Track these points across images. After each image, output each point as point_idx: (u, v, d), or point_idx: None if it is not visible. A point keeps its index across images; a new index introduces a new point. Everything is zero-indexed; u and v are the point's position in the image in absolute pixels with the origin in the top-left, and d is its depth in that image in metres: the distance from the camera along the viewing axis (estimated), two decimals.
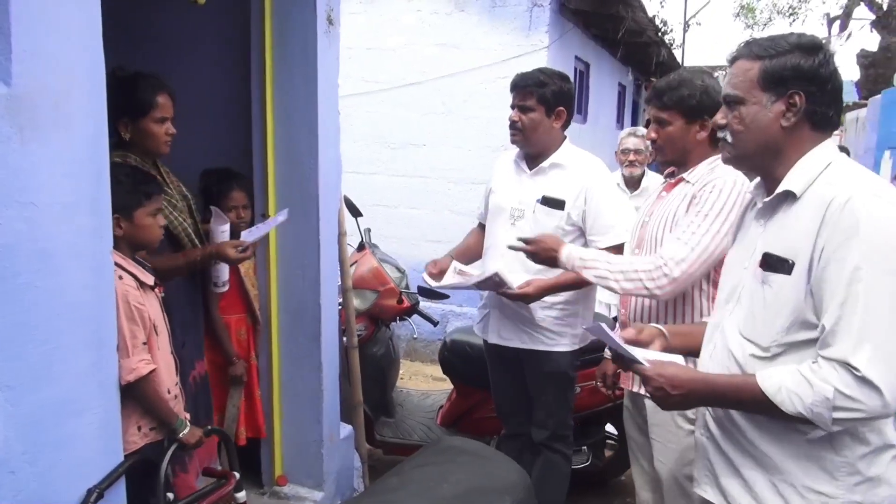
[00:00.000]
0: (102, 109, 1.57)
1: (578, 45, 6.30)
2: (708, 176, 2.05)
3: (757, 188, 1.53)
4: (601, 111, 7.65)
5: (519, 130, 2.49)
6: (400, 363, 3.87)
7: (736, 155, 1.48)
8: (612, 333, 1.51)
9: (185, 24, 2.75)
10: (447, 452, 1.60)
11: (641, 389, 2.17)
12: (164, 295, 2.01)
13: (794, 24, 15.04)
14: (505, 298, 2.47)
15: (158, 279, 1.98)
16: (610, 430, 3.38)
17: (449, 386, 3.57)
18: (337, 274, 2.85)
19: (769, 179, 1.47)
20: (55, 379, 1.47)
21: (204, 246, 2.27)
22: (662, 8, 16.06)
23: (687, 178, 2.09)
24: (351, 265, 3.15)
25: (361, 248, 3.51)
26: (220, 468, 2.29)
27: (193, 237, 2.26)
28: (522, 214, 2.54)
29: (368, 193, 5.16)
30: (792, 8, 14.84)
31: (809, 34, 1.47)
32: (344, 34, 2.73)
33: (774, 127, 1.40)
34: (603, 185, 2.51)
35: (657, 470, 2.15)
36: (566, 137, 2.59)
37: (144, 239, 1.95)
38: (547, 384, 2.61)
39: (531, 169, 2.56)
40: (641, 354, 1.48)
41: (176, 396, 1.93)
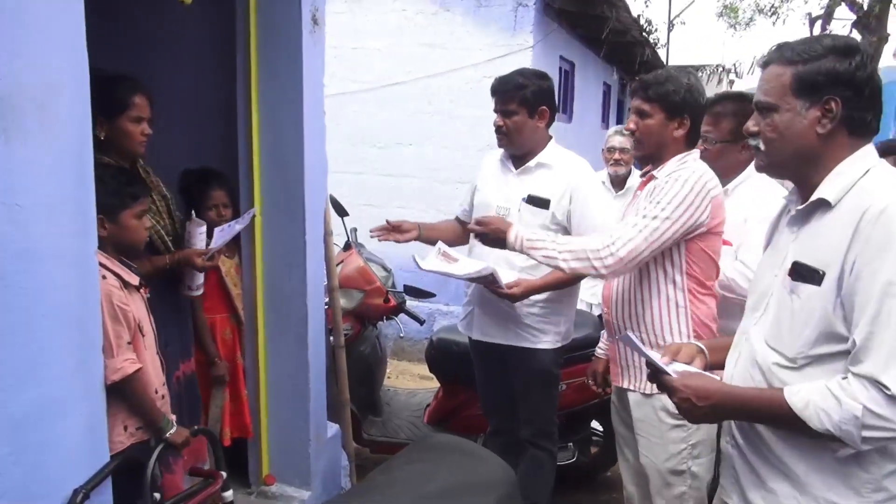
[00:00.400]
0: (87, 111, 1.57)
1: (563, 44, 6.34)
2: (675, 173, 2.08)
3: (791, 194, 1.49)
4: (586, 110, 7.70)
5: (504, 134, 2.52)
6: (387, 362, 3.88)
7: (769, 163, 1.43)
8: (642, 346, 1.50)
9: (169, 23, 2.74)
10: (433, 449, 1.62)
11: (628, 384, 2.20)
12: (149, 296, 2.01)
13: (776, 23, 15.18)
14: (491, 295, 2.49)
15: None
16: (596, 426, 3.42)
17: (436, 385, 3.59)
18: (323, 273, 2.86)
19: (804, 187, 1.41)
20: (40, 380, 1.46)
21: (177, 250, 2.29)
22: (647, 7, 16.13)
23: (656, 174, 2.13)
24: (337, 264, 3.16)
25: (348, 247, 3.52)
26: (207, 468, 2.29)
27: (167, 240, 2.27)
28: (508, 213, 2.56)
29: (355, 193, 5.16)
30: (774, 8, 14.99)
31: (844, 36, 1.42)
32: (329, 34, 2.74)
33: (810, 134, 1.35)
34: (588, 185, 2.54)
35: (643, 465, 2.19)
36: (552, 137, 2.61)
37: (129, 240, 1.95)
38: (531, 381, 2.64)
39: (517, 168, 2.59)
40: (672, 367, 1.47)
41: (163, 396, 1.94)
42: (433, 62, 5.35)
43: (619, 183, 4.01)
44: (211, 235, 2.33)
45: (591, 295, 3.79)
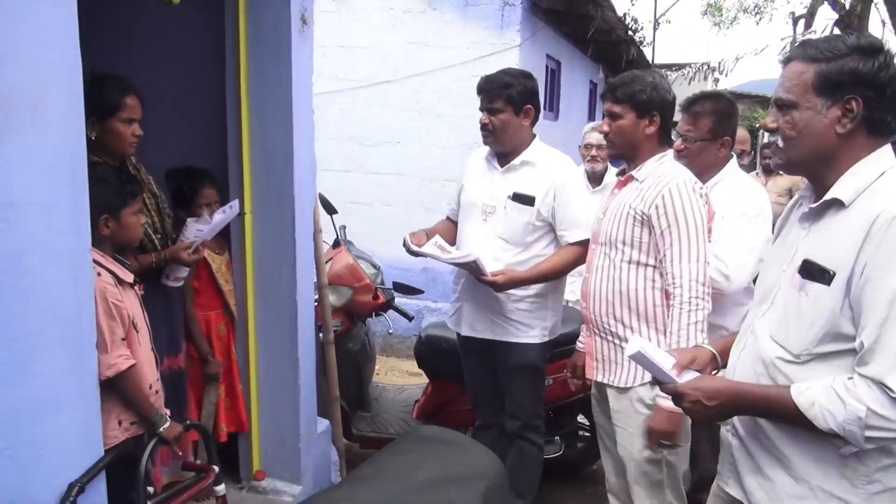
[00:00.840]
0: (80, 110, 1.59)
1: (550, 43, 6.39)
2: (654, 174, 2.14)
3: (806, 190, 1.49)
4: (572, 108, 7.76)
5: (490, 132, 2.56)
6: (376, 358, 3.92)
7: (787, 161, 1.43)
8: (653, 357, 1.50)
9: (159, 23, 2.75)
10: (422, 441, 1.66)
11: (604, 378, 2.24)
12: (143, 293, 2.03)
13: (760, 22, 15.33)
14: (476, 285, 2.54)
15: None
16: (582, 420, 3.47)
17: (424, 381, 3.62)
18: (313, 270, 2.89)
19: (819, 184, 1.41)
20: (34, 376, 1.48)
21: (162, 249, 2.31)
22: (633, 6, 16.23)
23: (636, 175, 2.18)
24: (326, 262, 3.19)
25: (337, 245, 3.55)
26: (199, 462, 2.31)
27: (154, 238, 2.29)
28: (494, 210, 2.60)
29: (342, 191, 5.18)
30: (758, 7, 15.13)
31: (869, 35, 1.42)
32: (316, 32, 2.76)
33: (829, 134, 1.34)
34: (572, 182, 2.59)
35: (621, 455, 2.24)
36: (536, 136, 2.65)
37: (127, 238, 1.99)
38: (518, 375, 2.68)
39: (502, 166, 2.63)
40: (680, 377, 1.49)
41: (157, 392, 1.96)
42: (420, 61, 5.37)
43: (595, 179, 4.04)
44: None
45: (569, 292, 3.83)
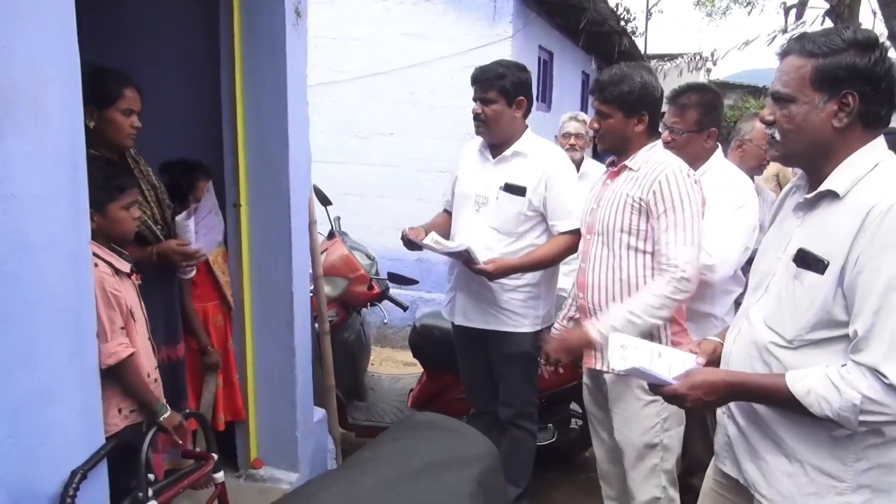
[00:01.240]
0: (78, 104, 1.61)
1: (542, 34, 6.41)
2: (648, 162, 2.18)
3: (800, 179, 1.52)
4: (565, 99, 7.78)
5: (483, 122, 2.58)
6: (370, 348, 3.95)
7: (785, 154, 1.46)
8: (645, 369, 1.55)
9: (153, 16, 2.76)
10: (417, 427, 1.70)
11: (603, 367, 2.29)
12: (140, 283, 2.05)
13: (751, 13, 15.36)
14: (470, 275, 2.58)
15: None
16: (574, 408, 3.52)
17: (418, 371, 3.66)
18: (308, 261, 2.91)
19: (814, 175, 1.44)
20: (36, 366, 1.51)
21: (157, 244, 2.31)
22: None
23: (629, 165, 2.22)
24: (321, 253, 3.21)
25: (331, 236, 3.57)
26: (198, 450, 2.34)
27: (155, 229, 2.30)
28: (486, 201, 2.64)
29: (337, 182, 5.19)
30: None
31: (865, 30, 1.44)
32: (310, 24, 2.77)
33: (826, 127, 1.37)
34: (563, 172, 2.62)
35: (618, 441, 2.28)
36: (528, 127, 2.68)
37: (118, 231, 2.00)
38: (511, 364, 2.72)
39: (494, 157, 2.66)
40: (672, 376, 1.54)
41: (156, 380, 1.99)
42: (414, 52, 5.38)
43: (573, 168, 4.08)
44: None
45: (562, 282, 3.86)
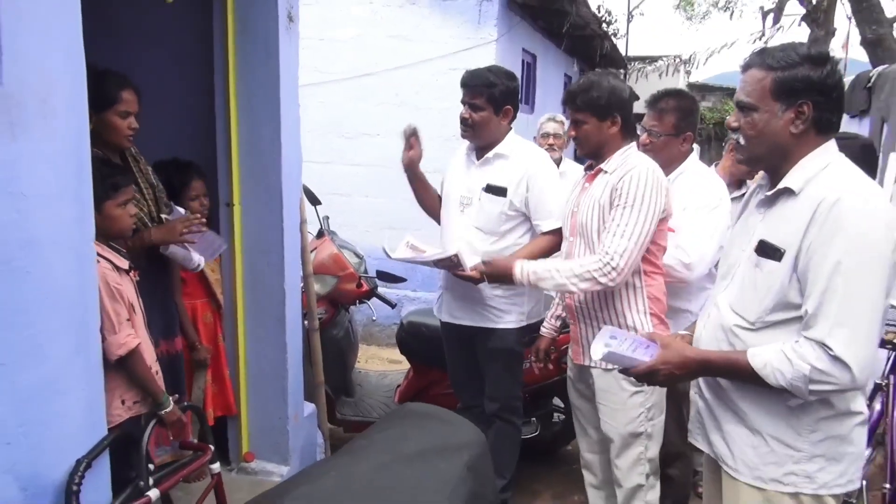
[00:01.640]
0: (84, 105, 1.67)
1: (526, 37, 6.51)
2: (622, 165, 2.28)
3: (763, 180, 1.68)
4: (547, 101, 7.90)
5: (469, 127, 2.67)
6: (358, 345, 4.03)
7: (749, 157, 1.63)
8: (621, 352, 1.66)
9: (148, 19, 2.82)
10: (409, 416, 1.78)
11: (590, 362, 2.38)
12: (138, 279, 2.11)
13: (731, 17, 15.62)
14: (456, 278, 2.65)
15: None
16: (557, 403, 3.62)
17: (404, 368, 3.74)
18: (299, 260, 2.98)
19: (774, 175, 1.60)
20: (44, 359, 1.56)
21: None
22: None
23: (605, 168, 2.33)
24: (311, 251, 3.28)
25: (321, 235, 3.64)
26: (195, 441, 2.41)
27: (150, 226, 2.34)
28: (470, 202, 2.72)
29: (323, 182, 5.24)
30: (728, 2, 15.44)
31: (818, 46, 1.60)
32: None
33: (784, 133, 1.53)
34: (544, 173, 2.69)
35: (605, 431, 2.39)
36: (511, 128, 2.77)
37: (114, 229, 2.05)
38: (496, 359, 2.80)
39: (479, 159, 2.74)
40: (648, 353, 1.67)
41: (157, 372, 2.05)
42: (400, 54, 5.45)
43: None
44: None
45: None
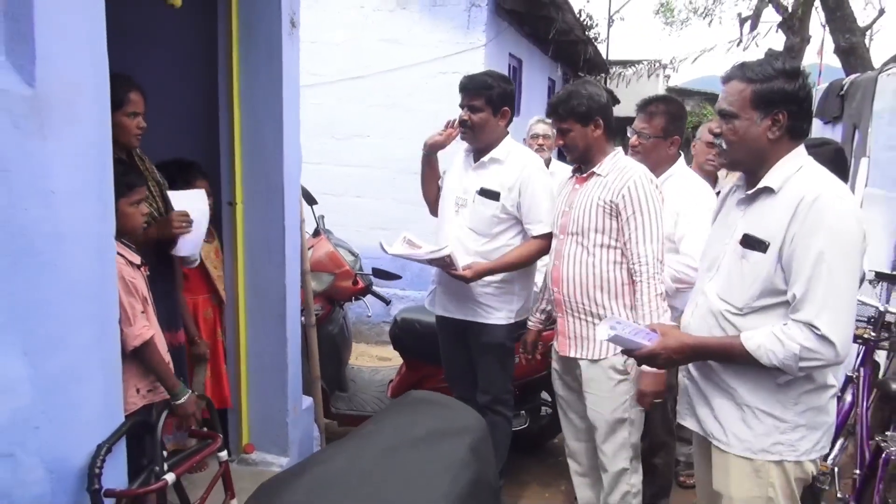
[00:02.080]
0: (106, 107, 1.76)
1: (512, 42, 6.65)
2: (615, 168, 2.44)
3: (740, 180, 1.86)
4: (532, 104, 8.04)
5: (469, 128, 2.78)
6: (352, 342, 4.12)
7: (730, 160, 1.81)
8: (624, 335, 1.80)
9: (155, 23, 2.89)
10: (415, 403, 1.89)
11: (577, 353, 2.51)
12: (148, 273, 2.20)
13: (710, 24, 15.92)
14: (448, 276, 2.77)
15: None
16: (545, 397, 3.74)
17: (394, 365, 3.83)
18: (299, 257, 3.07)
19: (752, 176, 1.77)
20: (67, 347, 1.64)
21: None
22: (588, 3, 16.70)
23: (597, 171, 2.47)
24: (308, 249, 3.37)
25: (317, 233, 3.73)
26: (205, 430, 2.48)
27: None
28: (465, 203, 2.84)
29: (316, 183, 5.29)
30: (707, 9, 15.75)
31: (792, 60, 1.81)
32: None
33: (762, 139, 1.71)
34: (536, 179, 2.79)
35: (591, 418, 2.51)
36: (508, 133, 2.89)
37: (127, 226, 2.13)
38: (488, 353, 2.91)
39: (475, 163, 2.86)
40: (648, 339, 1.82)
41: (169, 363, 2.13)
42: (391, 58, 5.56)
43: None
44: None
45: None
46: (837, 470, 2.86)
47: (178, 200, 2.41)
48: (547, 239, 2.72)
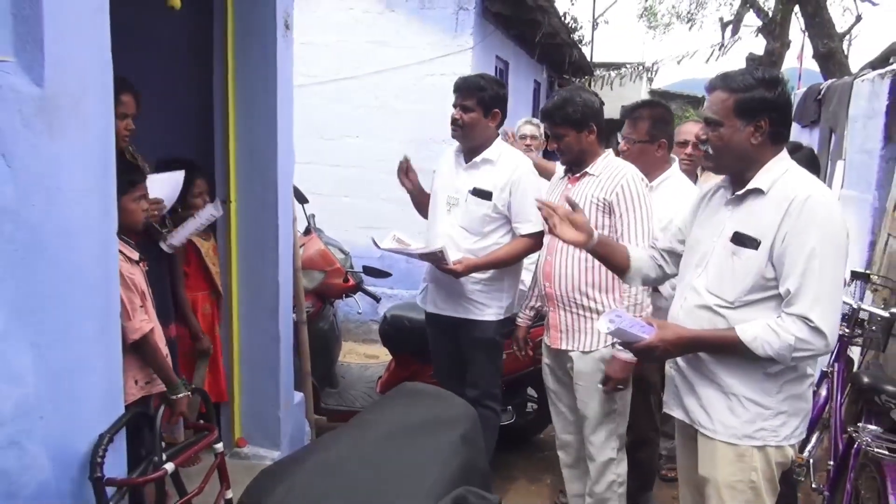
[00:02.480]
0: (110, 108, 1.81)
1: (499, 45, 6.74)
2: (607, 168, 2.54)
3: (724, 182, 1.96)
4: (518, 106, 8.13)
5: (460, 127, 2.86)
6: (342, 339, 4.18)
7: (716, 165, 1.92)
8: (628, 327, 1.87)
9: (150, 24, 2.91)
10: (409, 394, 1.96)
11: (569, 346, 2.60)
12: (147, 269, 2.25)
13: (692, 29, 16.15)
14: (439, 272, 2.84)
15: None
16: (531, 392, 3.83)
17: (382, 362, 3.90)
18: (291, 255, 3.13)
19: (738, 179, 1.88)
20: (73, 340, 1.69)
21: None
22: (573, 6, 16.88)
23: (590, 171, 2.58)
24: (299, 247, 3.43)
25: (308, 232, 3.79)
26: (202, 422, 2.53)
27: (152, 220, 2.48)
28: (457, 202, 2.91)
29: (304, 182, 5.33)
30: (690, 14, 15.98)
31: (772, 70, 1.93)
32: None
33: (746, 144, 1.81)
34: (527, 180, 2.88)
35: (581, 410, 2.60)
36: (499, 135, 2.97)
37: (128, 222, 2.18)
38: (477, 349, 2.99)
39: (467, 163, 2.94)
40: (645, 332, 1.89)
41: (166, 356, 2.19)
42: (379, 59, 5.62)
43: None
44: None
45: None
46: (813, 462, 2.97)
47: (153, 184, 2.46)
48: (534, 238, 2.80)
